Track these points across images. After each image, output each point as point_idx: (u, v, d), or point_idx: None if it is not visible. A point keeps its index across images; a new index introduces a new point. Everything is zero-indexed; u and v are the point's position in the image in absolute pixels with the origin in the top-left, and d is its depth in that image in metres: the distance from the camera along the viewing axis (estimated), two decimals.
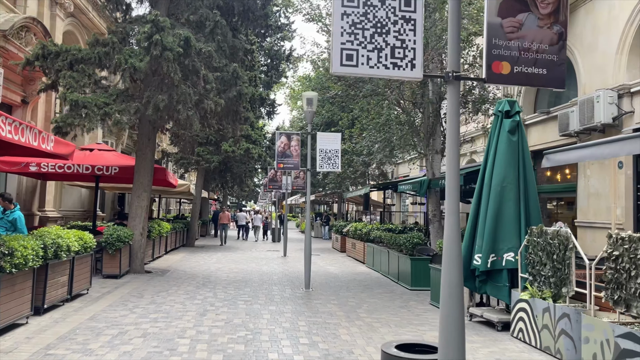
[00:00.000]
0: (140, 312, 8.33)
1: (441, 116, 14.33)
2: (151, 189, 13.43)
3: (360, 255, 17.85)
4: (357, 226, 18.64)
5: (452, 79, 3.11)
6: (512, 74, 3.14)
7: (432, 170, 14.39)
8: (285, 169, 11.38)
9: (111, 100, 11.62)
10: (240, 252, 20.68)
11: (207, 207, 32.49)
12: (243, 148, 21.67)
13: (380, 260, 14.79)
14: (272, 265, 15.93)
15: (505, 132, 8.14)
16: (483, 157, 8.55)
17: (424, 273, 11.76)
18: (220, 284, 11.73)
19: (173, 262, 15.89)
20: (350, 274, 14.42)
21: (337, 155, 11.46)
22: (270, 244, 26.11)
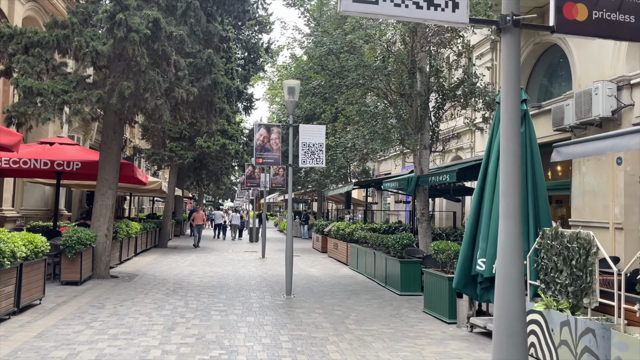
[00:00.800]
0: (99, 326, 7.27)
1: (429, 109, 13.52)
2: (117, 186, 12.30)
3: (343, 256, 16.96)
4: (340, 226, 17.75)
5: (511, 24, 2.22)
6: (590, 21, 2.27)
7: (420, 167, 13.58)
8: (264, 164, 10.39)
9: (70, 88, 10.48)
10: (215, 253, 19.59)
11: (181, 205, 31.22)
12: (219, 144, 20.57)
13: (366, 262, 13.92)
14: (249, 268, 14.92)
15: None
16: (485, 149, 7.71)
17: (415, 277, 10.93)
18: (193, 290, 10.69)
19: (142, 265, 14.75)
20: (334, 277, 13.51)
21: (321, 150, 10.53)
22: (248, 244, 25.05)
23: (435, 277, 8.68)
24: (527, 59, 15.96)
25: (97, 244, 11.67)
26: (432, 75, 13.45)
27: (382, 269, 12.28)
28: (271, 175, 18.65)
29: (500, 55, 17.19)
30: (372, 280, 12.98)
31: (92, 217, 12.05)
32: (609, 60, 11.49)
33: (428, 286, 8.99)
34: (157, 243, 21.33)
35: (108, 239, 11.97)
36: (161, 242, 21.33)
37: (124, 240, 14.71)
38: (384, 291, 11.35)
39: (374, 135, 12.16)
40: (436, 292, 8.63)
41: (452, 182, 11.99)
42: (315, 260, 18.01)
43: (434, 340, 7.10)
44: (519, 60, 2.45)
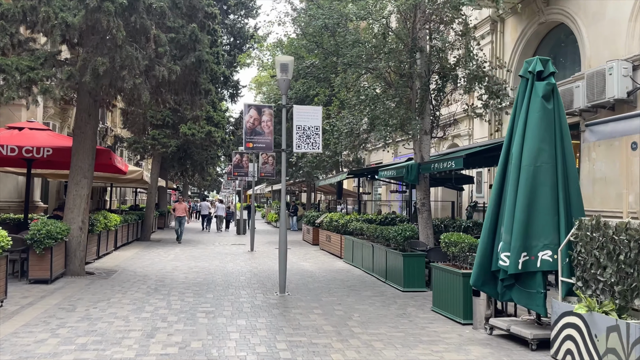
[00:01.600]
0: (66, 334, 6.29)
1: (430, 92, 12.64)
2: (93, 174, 11.23)
3: (337, 249, 16.08)
4: (333, 217, 16.85)
5: None
6: None
7: (421, 154, 12.71)
8: (255, 150, 9.42)
9: (37, 65, 9.39)
10: (201, 246, 18.60)
11: (165, 197, 30.09)
12: (204, 131, 19.52)
13: (362, 256, 13.05)
14: (238, 263, 13.97)
15: (538, 99, 6.43)
16: (507, 128, 6.83)
17: (419, 272, 10.09)
18: (177, 288, 9.72)
19: (122, 260, 13.72)
20: (329, 272, 12.62)
21: (317, 133, 9.59)
22: (235, 237, 24.06)
23: (446, 273, 7.82)
24: (530, 40, 15.13)
25: (70, 237, 10.63)
26: (434, 56, 12.58)
27: (381, 263, 11.43)
28: (260, 164, 17.67)
29: (500, 36, 16.42)
30: (370, 274, 12.12)
31: (65, 209, 11.00)
32: (622, 39, 10.71)
33: (438, 283, 8.13)
34: (140, 236, 20.27)
35: (83, 233, 10.93)
36: (144, 235, 20.27)
37: (102, 234, 13.66)
38: (385, 287, 10.49)
39: (374, 120, 11.23)
40: (448, 290, 7.78)
41: (458, 169, 11.14)
42: (307, 253, 17.11)
43: (452, 346, 6.24)
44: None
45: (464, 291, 7.37)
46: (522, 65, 6.95)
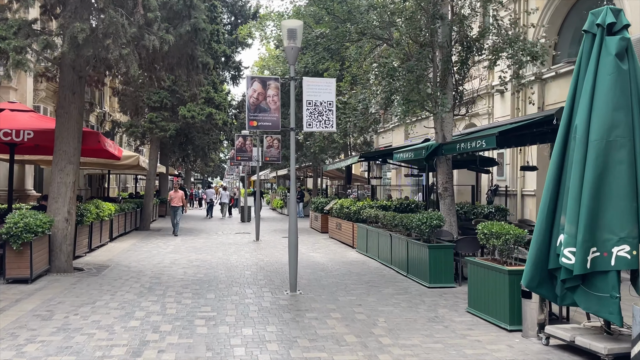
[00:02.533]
0: (34, 352, 5.17)
1: (452, 64, 11.39)
2: (79, 160, 10.08)
3: (348, 238, 14.95)
4: (344, 203, 15.68)
5: None
6: None
7: (443, 133, 11.51)
8: (260, 128, 8.21)
9: (10, 34, 8.18)
10: (204, 235, 17.50)
11: (166, 183, 28.99)
12: (204, 113, 18.31)
13: (379, 246, 11.91)
14: (243, 254, 12.85)
15: (610, 57, 5.19)
16: (567, 95, 5.60)
17: (446, 265, 8.94)
18: (174, 286, 8.61)
19: (117, 253, 12.63)
20: (342, 264, 11.49)
21: (330, 110, 8.38)
22: (239, 224, 22.97)
23: (488, 270, 6.66)
24: (559, 6, 13.82)
25: (54, 230, 9.52)
26: (456, 24, 11.31)
27: (401, 255, 10.28)
28: (264, 147, 16.48)
29: (524, 4, 15.04)
30: (389, 267, 10.98)
31: (49, 198, 9.86)
32: None
33: (476, 280, 6.98)
34: (139, 225, 19.19)
35: (69, 224, 9.81)
36: (143, 224, 19.19)
37: (95, 225, 12.55)
38: (408, 282, 9.35)
39: (392, 95, 10.01)
40: (489, 289, 6.63)
41: (490, 148, 9.92)
42: (316, 242, 15.99)
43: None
44: None
45: (510, 292, 6.21)
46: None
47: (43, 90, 18.76)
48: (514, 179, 15.68)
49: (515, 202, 15.65)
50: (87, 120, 24.38)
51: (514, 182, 15.68)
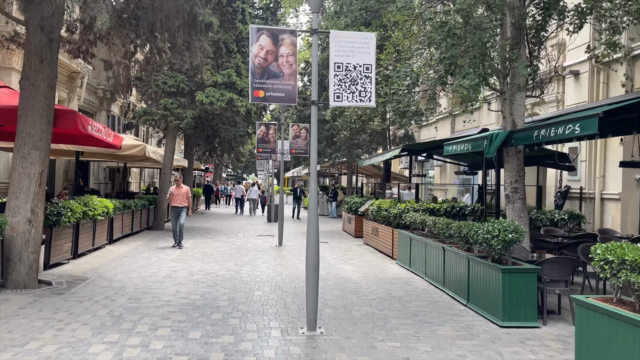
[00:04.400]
0: None
1: (526, 30, 8.82)
2: (48, 146, 7.99)
3: (387, 246, 12.50)
4: (382, 204, 13.22)
5: None
6: None
7: (512, 118, 8.98)
8: (269, 100, 5.87)
9: None
10: (221, 237, 15.36)
11: (190, 178, 27.06)
12: (224, 99, 16.15)
13: (426, 260, 9.44)
14: (258, 265, 10.59)
15: None
16: None
17: (528, 296, 6.42)
18: (152, 315, 6.40)
19: (109, 260, 10.56)
20: (380, 283, 9.08)
21: (368, 77, 6.00)
22: (264, 225, 20.79)
23: (624, 324, 4.13)
24: None
25: (11, 234, 7.46)
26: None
27: (459, 276, 7.79)
28: (290, 137, 14.19)
29: None
30: (440, 289, 8.52)
31: (8, 193, 7.80)
32: None
33: (597, 333, 4.46)
34: (152, 224, 17.23)
35: (34, 227, 7.73)
36: (156, 223, 17.21)
37: (84, 225, 10.54)
38: (470, 316, 6.87)
39: (450, 65, 7.53)
40: (620, 346, 4.11)
41: (588, 135, 7.32)
42: (348, 249, 13.60)
43: None
44: None
45: None
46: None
47: None
48: (591, 180, 12.88)
49: (591, 207, 12.86)
50: (108, 110, 22.70)
51: (591, 183, 12.89)
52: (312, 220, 6.03)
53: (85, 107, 20.72)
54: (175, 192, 12.94)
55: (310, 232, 5.95)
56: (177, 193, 12.92)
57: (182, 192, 12.93)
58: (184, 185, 13.15)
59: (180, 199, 12.85)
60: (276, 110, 32.95)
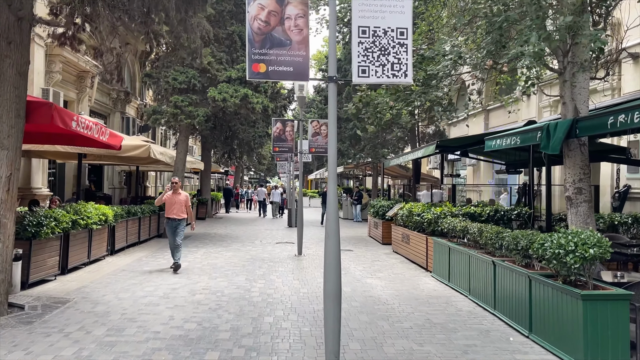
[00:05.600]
0: None
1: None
2: (19, 144, 6.74)
3: (419, 255, 10.98)
4: (414, 208, 11.71)
5: None
6: None
7: (574, 104, 7.42)
8: (272, 77, 4.48)
9: None
10: (237, 245, 14.04)
11: (208, 181, 25.96)
12: (239, 95, 14.85)
13: (470, 275, 7.91)
14: (272, 280, 9.20)
15: None
16: None
17: (615, 330, 4.87)
18: (132, 354, 5.05)
19: (101, 275, 9.28)
20: (415, 303, 7.59)
21: (403, 44, 4.56)
22: (285, 230, 19.42)
23: None
24: None
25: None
26: None
27: (517, 298, 6.26)
28: (309, 135, 12.79)
29: None
30: (489, 311, 6.99)
31: None
32: None
33: None
34: (162, 232, 16.00)
35: (1, 241, 6.48)
36: None
37: (77, 236, 9.31)
38: (536, 352, 5.34)
39: (501, 36, 6.04)
40: None
41: None
42: (375, 259, 12.12)
43: None
44: None
45: None
46: None
47: (58, 73, 15.96)
48: None
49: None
50: (123, 112, 21.70)
51: None
52: (332, 234, 4.57)
53: (97, 109, 19.72)
54: (171, 200, 10.06)
55: (330, 251, 4.51)
56: (174, 201, 10.06)
57: (179, 199, 10.09)
58: (183, 192, 10.43)
59: (178, 209, 10.03)
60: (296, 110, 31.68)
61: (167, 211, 10.04)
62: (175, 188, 10.14)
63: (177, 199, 10.08)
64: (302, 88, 12.31)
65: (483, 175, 21.46)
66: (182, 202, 10.11)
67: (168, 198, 10.09)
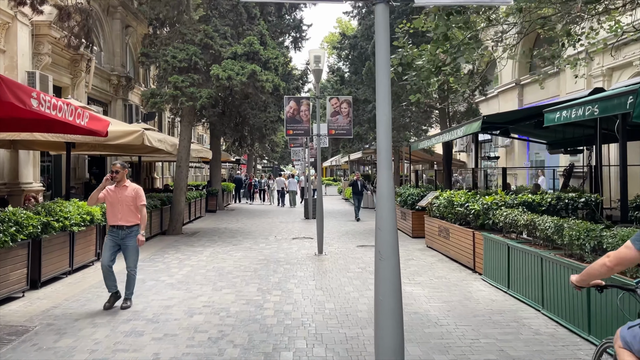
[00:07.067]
0: None
1: None
2: None
3: (462, 252, 9.20)
4: (455, 197, 9.90)
5: None
6: None
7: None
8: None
9: None
10: (248, 242, 12.38)
11: (218, 171, 24.33)
12: (245, 73, 13.07)
13: (544, 284, 6.12)
14: (291, 289, 7.50)
15: None
16: None
17: None
18: None
19: (82, 289, 7.64)
20: (476, 322, 5.84)
21: None
22: (302, 222, 17.75)
23: None
24: None
25: None
26: None
27: (624, 322, 4.47)
28: (328, 115, 11.01)
29: None
30: (580, 335, 5.22)
31: None
32: None
33: None
34: (167, 229, 14.42)
35: None
36: (172, 226, 14.38)
37: (55, 241, 7.69)
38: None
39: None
40: None
41: None
42: (409, 256, 10.36)
43: None
44: None
45: None
46: None
47: (47, 55, 14.34)
48: None
49: None
50: (125, 99, 20.13)
51: None
52: (387, 242, 2.80)
53: (95, 96, 18.16)
54: (113, 197, 6.48)
55: (386, 271, 2.73)
56: (117, 199, 6.46)
57: (126, 196, 6.48)
58: (132, 184, 6.69)
59: (126, 211, 6.46)
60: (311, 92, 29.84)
61: (109, 215, 6.52)
62: (117, 178, 6.50)
63: (123, 195, 6.48)
64: (319, 60, 10.52)
65: (518, 157, 19.53)
66: (128, 200, 6.48)
67: (108, 195, 6.51)
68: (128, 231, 6.51)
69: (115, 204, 6.49)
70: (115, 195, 6.51)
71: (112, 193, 6.52)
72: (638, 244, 2.53)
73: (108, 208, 6.56)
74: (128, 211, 6.50)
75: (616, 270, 2.70)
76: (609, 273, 2.71)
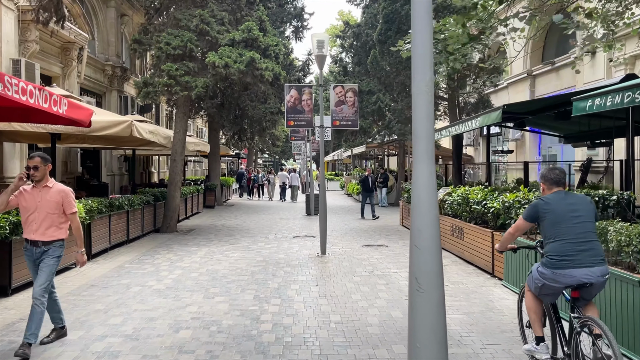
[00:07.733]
0: None
1: None
2: None
3: (479, 255, 8.40)
4: (471, 194, 9.09)
5: None
6: None
7: None
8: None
9: None
10: (245, 241, 11.59)
11: (217, 165, 23.52)
12: (244, 60, 12.23)
13: None
14: (292, 297, 6.70)
15: None
16: None
17: None
18: None
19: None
20: (504, 339, 5.05)
21: None
22: (303, 219, 16.95)
23: None
24: None
25: None
26: None
27: None
28: (332, 105, 10.20)
29: None
30: (627, 355, 4.44)
31: None
32: None
33: None
34: (161, 226, 13.63)
35: None
36: (166, 223, 13.60)
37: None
38: None
39: None
40: None
41: None
42: None
43: None
44: None
45: None
46: None
47: (35, 42, 13.50)
48: None
49: None
50: (120, 90, 19.32)
51: None
52: (427, 267, 2.01)
53: (89, 87, 17.35)
54: (29, 201, 4.83)
55: (425, 317, 1.94)
56: (35, 204, 4.82)
57: (46, 202, 4.82)
58: (59, 184, 5.01)
59: (44, 223, 4.81)
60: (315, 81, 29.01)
61: (24, 226, 4.89)
62: (37, 177, 4.79)
63: (43, 199, 4.81)
64: (322, 45, 9.69)
65: (529, 151, 18.70)
66: (52, 205, 4.83)
67: (22, 198, 4.83)
68: (44, 249, 4.79)
69: (30, 211, 4.79)
70: (32, 198, 4.79)
71: (27, 196, 4.80)
72: (526, 217, 3.99)
73: (22, 216, 4.85)
74: (48, 221, 4.79)
75: (516, 236, 4.19)
76: (512, 238, 4.20)
